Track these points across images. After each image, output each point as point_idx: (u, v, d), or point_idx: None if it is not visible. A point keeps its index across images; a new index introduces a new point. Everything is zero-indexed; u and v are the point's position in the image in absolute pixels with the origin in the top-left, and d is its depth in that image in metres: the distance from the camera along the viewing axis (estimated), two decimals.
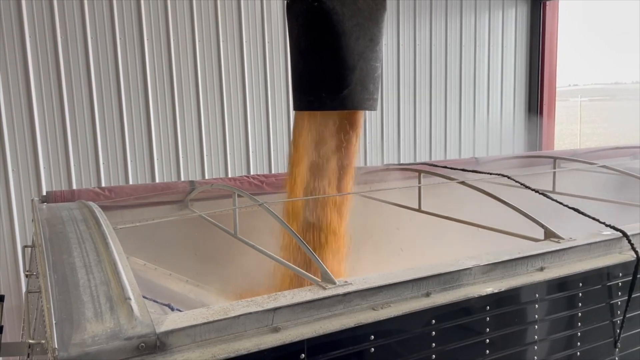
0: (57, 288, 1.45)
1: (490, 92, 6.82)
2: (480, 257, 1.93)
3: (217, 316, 1.42)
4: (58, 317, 1.32)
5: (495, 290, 1.84)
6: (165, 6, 4.58)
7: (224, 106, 4.90)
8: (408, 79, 6.08)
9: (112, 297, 1.43)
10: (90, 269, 1.57)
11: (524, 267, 1.99)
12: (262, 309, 1.48)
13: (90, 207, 2.14)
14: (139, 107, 4.52)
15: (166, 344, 1.33)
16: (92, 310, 1.37)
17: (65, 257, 1.63)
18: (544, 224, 2.26)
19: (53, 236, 1.78)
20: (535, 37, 7.20)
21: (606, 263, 2.16)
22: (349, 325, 1.56)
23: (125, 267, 1.57)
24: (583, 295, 2.12)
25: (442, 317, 1.75)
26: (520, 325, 1.97)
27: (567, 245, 2.11)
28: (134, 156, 4.53)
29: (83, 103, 4.31)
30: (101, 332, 1.28)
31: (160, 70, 4.59)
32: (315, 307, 1.56)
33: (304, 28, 2.25)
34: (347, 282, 1.67)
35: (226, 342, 1.41)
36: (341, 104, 2.26)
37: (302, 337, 1.48)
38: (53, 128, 4.21)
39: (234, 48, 4.91)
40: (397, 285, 1.70)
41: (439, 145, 6.44)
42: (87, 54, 4.29)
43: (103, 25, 4.34)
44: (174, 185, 3.24)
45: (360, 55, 2.23)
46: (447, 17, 6.27)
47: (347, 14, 2.18)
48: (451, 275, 1.81)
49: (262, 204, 2.20)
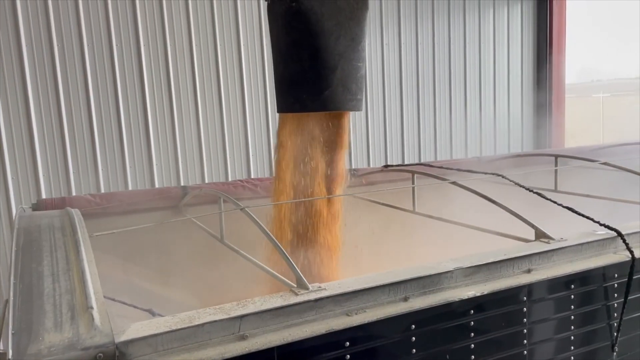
0: (21, 297, 1.43)
1: (496, 90, 6.72)
2: (462, 260, 1.87)
3: (181, 324, 1.39)
4: (17, 327, 1.30)
5: (477, 294, 1.78)
6: (161, 11, 4.59)
7: (222, 110, 4.89)
8: (410, 79, 6.01)
9: (75, 306, 1.41)
10: (57, 277, 1.55)
11: (510, 269, 1.93)
12: (229, 316, 1.45)
13: (71, 214, 2.13)
14: (137, 113, 4.54)
15: (125, 353, 1.30)
16: (52, 320, 1.35)
17: (34, 265, 1.62)
18: (534, 224, 2.19)
19: (26, 245, 1.78)
20: (542, 32, 7.07)
21: (599, 264, 2.08)
22: (320, 331, 1.52)
23: (93, 275, 1.55)
24: (576, 298, 2.05)
25: (422, 322, 1.70)
26: (507, 329, 1.91)
27: (556, 245, 2.04)
28: (133, 162, 4.55)
29: (81, 110, 4.34)
30: (58, 343, 1.26)
31: (157, 75, 4.60)
32: (284, 313, 1.52)
33: (283, 29, 2.22)
34: (320, 287, 1.63)
35: (189, 351, 1.38)
36: (322, 105, 2.22)
37: (270, 345, 1.45)
38: (51, 135, 4.24)
39: (232, 51, 4.90)
40: (373, 290, 1.66)
41: (445, 145, 6.36)
42: (84, 61, 4.32)
43: (99, 31, 4.36)
44: (167, 190, 3.23)
45: (341, 55, 2.19)
46: (449, 15, 6.19)
47: (327, 13, 2.15)
48: (431, 279, 1.76)
49: (243, 208, 2.17)
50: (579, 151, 4.56)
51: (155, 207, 3.09)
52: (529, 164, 4.43)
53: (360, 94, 2.32)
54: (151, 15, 4.55)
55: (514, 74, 6.85)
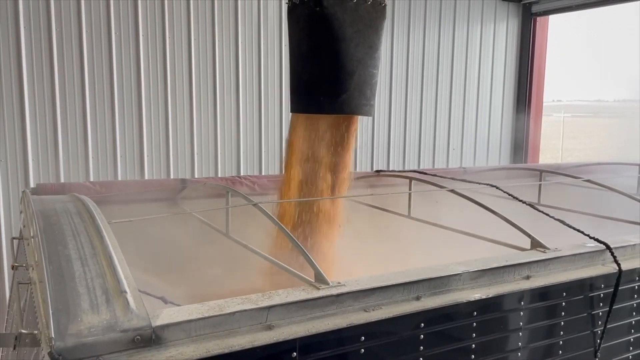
0: (53, 279, 1.45)
1: (479, 104, 6.93)
2: (469, 264, 1.97)
3: (212, 312, 1.44)
4: (54, 308, 1.32)
5: (483, 297, 1.88)
6: (162, 4, 4.58)
7: (216, 106, 4.90)
8: (400, 87, 6.14)
9: (108, 290, 1.43)
10: (86, 261, 1.57)
11: (511, 274, 2.04)
12: (257, 306, 1.50)
13: (84, 200, 2.14)
14: (131, 103, 4.51)
15: (161, 337, 1.34)
16: (88, 302, 1.37)
17: (60, 248, 1.63)
18: (530, 234, 2.32)
19: (47, 228, 1.78)
20: (525, 51, 7.32)
21: (589, 274, 2.21)
22: (341, 325, 1.58)
23: (121, 261, 1.58)
24: (566, 305, 2.17)
25: (431, 321, 1.79)
26: (505, 331, 2.01)
27: (552, 255, 2.16)
28: (124, 152, 4.51)
29: (75, 97, 4.29)
30: (97, 324, 1.29)
31: (154, 67, 4.58)
32: (308, 306, 1.58)
33: (304, 32, 2.28)
34: (340, 283, 1.69)
35: (220, 338, 1.42)
36: (339, 108, 2.29)
37: (295, 336, 1.50)
38: (44, 121, 4.17)
39: (229, 48, 4.92)
40: (389, 288, 1.73)
41: (428, 152, 6.52)
42: (82, 48, 4.27)
43: (99, 19, 4.32)
44: (166, 182, 3.24)
45: (359, 62, 2.27)
46: (440, 28, 6.36)
47: (348, 20, 2.22)
48: (441, 280, 1.85)
49: (256, 204, 2.22)
50: (558, 167, 4.77)
51: (154, 198, 3.09)
52: (511, 176, 4.61)
53: (373, 100, 2.40)
54: (152, 7, 4.53)
55: (496, 89, 7.08)
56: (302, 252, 1.85)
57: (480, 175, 4.26)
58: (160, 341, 1.34)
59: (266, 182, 3.49)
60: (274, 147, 5.22)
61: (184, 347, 1.36)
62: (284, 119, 5.17)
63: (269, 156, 5.21)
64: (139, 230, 2.68)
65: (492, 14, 6.83)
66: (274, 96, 5.17)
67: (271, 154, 5.21)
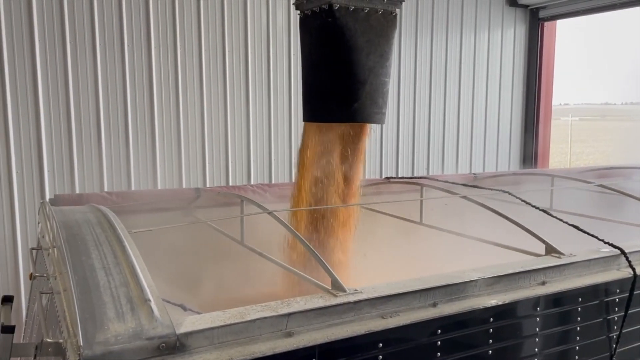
0: (79, 288, 1.48)
1: (487, 110, 6.93)
2: (485, 270, 1.98)
3: (233, 319, 1.46)
4: (81, 317, 1.35)
5: (499, 303, 1.89)
6: (174, 15, 4.65)
7: (227, 115, 4.96)
8: (408, 94, 6.17)
9: (132, 299, 1.46)
10: (109, 270, 1.60)
11: (527, 280, 2.05)
12: (277, 313, 1.52)
13: (103, 211, 2.18)
14: (144, 114, 4.57)
15: (185, 345, 1.37)
16: (113, 311, 1.40)
17: (84, 258, 1.66)
18: (545, 239, 2.32)
19: (70, 238, 1.82)
20: (532, 56, 7.33)
21: (605, 279, 2.22)
22: (359, 332, 1.60)
23: (143, 270, 1.61)
24: (582, 310, 2.18)
25: (447, 328, 1.80)
26: (521, 337, 2.02)
27: (568, 260, 2.17)
28: (137, 162, 4.58)
29: (89, 108, 4.36)
30: (123, 332, 1.32)
31: (166, 77, 4.65)
32: (327, 313, 1.60)
33: (317, 42, 2.32)
34: (357, 291, 1.71)
35: (242, 345, 1.44)
36: (351, 116, 2.32)
37: (314, 343, 1.52)
38: (59, 132, 4.24)
39: (239, 58, 4.98)
40: (405, 295, 1.75)
41: (437, 159, 6.53)
42: (95, 60, 4.35)
43: (112, 33, 4.40)
44: (180, 191, 3.28)
45: (370, 70, 2.30)
46: (447, 34, 6.39)
47: (360, 30, 2.26)
48: (457, 287, 1.86)
49: (270, 212, 2.25)
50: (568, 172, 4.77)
51: (168, 207, 3.13)
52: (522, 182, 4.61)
53: (384, 108, 2.43)
54: (163, 18, 4.60)
55: (505, 94, 7.09)
56: (317, 259, 1.87)
57: (491, 181, 4.27)
58: (185, 348, 1.37)
59: (278, 190, 3.52)
60: (284, 156, 5.26)
61: (207, 354, 1.38)
62: (293, 128, 5.21)
63: (279, 165, 5.25)
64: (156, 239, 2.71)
65: (500, 19, 6.85)
66: (283, 105, 5.22)
67: (281, 162, 5.25)
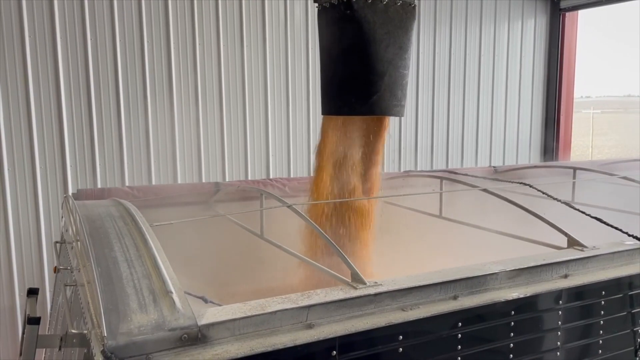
0: (102, 280, 1.51)
1: (507, 102, 6.84)
2: (506, 263, 1.96)
3: (254, 311, 1.47)
4: (105, 308, 1.37)
5: (521, 295, 1.87)
6: (192, 11, 4.68)
7: (245, 109, 4.98)
8: (426, 87, 6.12)
9: (155, 290, 1.49)
10: (132, 263, 1.63)
11: (549, 273, 2.02)
12: (297, 305, 1.53)
13: (125, 205, 2.21)
14: (163, 110, 4.63)
15: (207, 336, 1.38)
16: (136, 302, 1.42)
17: (107, 251, 1.69)
18: (567, 232, 2.29)
19: (93, 232, 1.85)
20: (554, 47, 7.20)
21: (629, 272, 2.18)
22: (379, 324, 1.60)
23: (165, 262, 1.63)
24: (605, 304, 2.14)
25: (468, 321, 1.79)
26: (543, 331, 2.00)
27: (591, 253, 2.13)
28: (158, 157, 4.63)
29: (110, 105, 4.42)
30: (146, 323, 1.34)
31: (185, 73, 4.69)
32: (347, 305, 1.61)
33: (335, 35, 2.31)
34: (377, 283, 1.71)
35: (263, 337, 1.45)
36: (370, 109, 2.31)
37: (334, 335, 1.53)
38: (80, 128, 4.32)
39: (257, 52, 4.99)
40: (426, 288, 1.74)
41: (456, 152, 6.47)
42: (115, 57, 4.40)
43: (132, 30, 4.45)
44: (200, 186, 3.31)
45: (389, 63, 2.29)
46: (466, 26, 6.31)
47: (378, 22, 2.24)
48: (478, 280, 1.85)
49: (290, 205, 2.25)
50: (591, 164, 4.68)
51: (189, 201, 3.17)
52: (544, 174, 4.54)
53: (404, 100, 2.41)
54: (182, 14, 4.64)
55: (525, 87, 6.98)
56: (337, 252, 1.88)
57: (511, 174, 4.22)
58: (206, 339, 1.38)
59: (297, 184, 3.53)
60: (302, 150, 5.26)
61: (229, 345, 1.40)
62: (311, 122, 5.21)
63: (297, 159, 5.26)
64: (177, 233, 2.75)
65: (520, 11, 6.74)
66: (302, 99, 5.21)
67: (299, 156, 5.26)
